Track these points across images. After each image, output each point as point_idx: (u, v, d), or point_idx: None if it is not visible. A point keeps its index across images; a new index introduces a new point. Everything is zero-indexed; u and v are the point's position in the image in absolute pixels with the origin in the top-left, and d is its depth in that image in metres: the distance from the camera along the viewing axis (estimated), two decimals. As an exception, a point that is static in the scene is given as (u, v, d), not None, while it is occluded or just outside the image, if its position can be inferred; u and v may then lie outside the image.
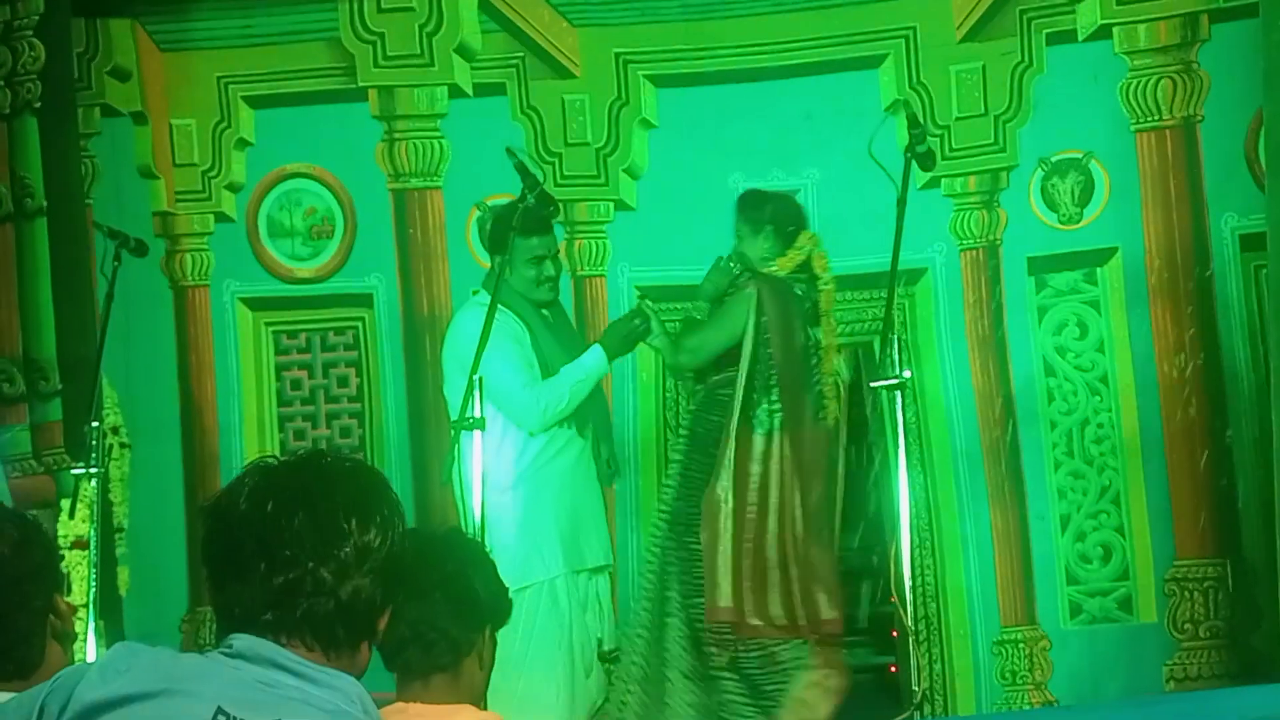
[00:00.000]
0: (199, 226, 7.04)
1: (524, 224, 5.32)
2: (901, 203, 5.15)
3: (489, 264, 6.57)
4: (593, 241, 6.84)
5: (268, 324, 7.00)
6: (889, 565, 5.28)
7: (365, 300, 6.96)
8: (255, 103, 7.08)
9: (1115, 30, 6.53)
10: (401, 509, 2.22)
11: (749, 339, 5.55)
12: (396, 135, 6.97)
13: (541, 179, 5.50)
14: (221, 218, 7.03)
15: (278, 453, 2.47)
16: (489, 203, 6.68)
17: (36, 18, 6.74)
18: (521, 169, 5.35)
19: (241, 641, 2.12)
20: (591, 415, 5.56)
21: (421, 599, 2.94)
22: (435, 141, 6.96)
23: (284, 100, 7.06)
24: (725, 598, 5.39)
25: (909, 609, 4.66)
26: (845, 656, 5.64)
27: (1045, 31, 6.61)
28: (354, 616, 2.15)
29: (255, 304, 7.00)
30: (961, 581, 6.49)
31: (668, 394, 6.80)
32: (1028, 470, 6.51)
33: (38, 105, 6.70)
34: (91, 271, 6.57)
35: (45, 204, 6.68)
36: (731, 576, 5.41)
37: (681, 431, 5.82)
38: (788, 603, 5.44)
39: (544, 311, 5.56)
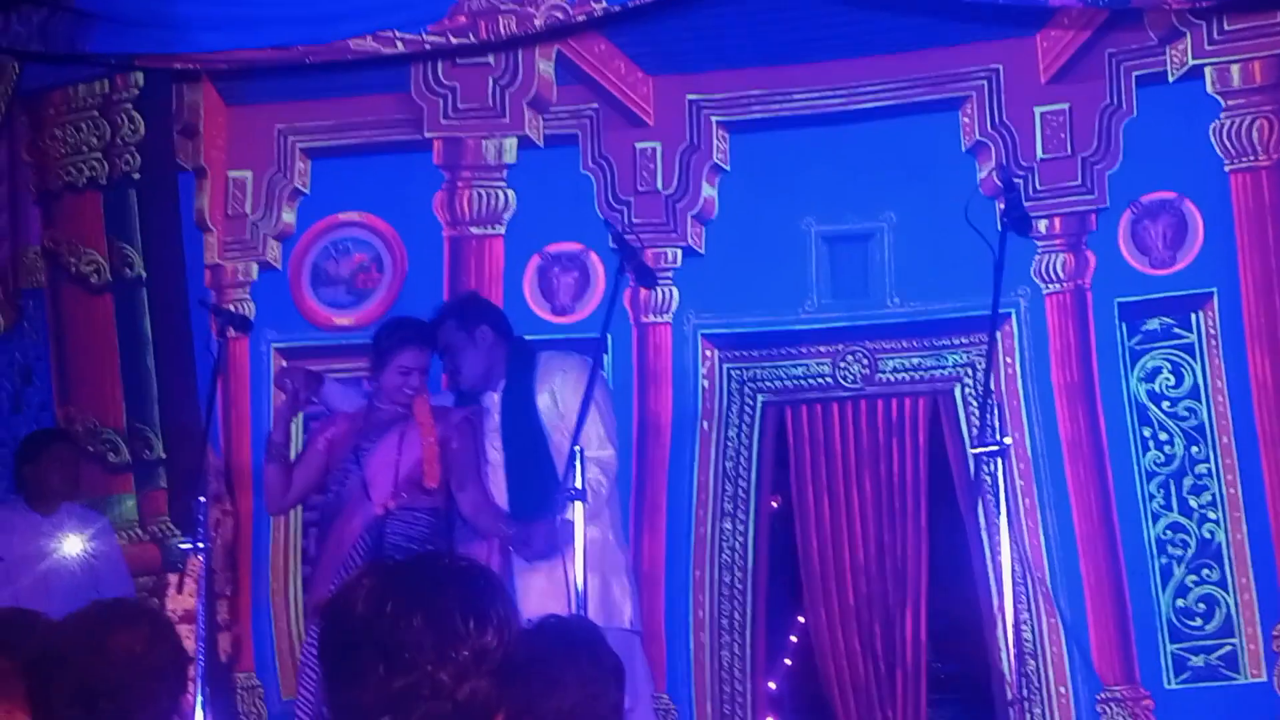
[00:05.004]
0: (243, 275, 7.03)
1: None
2: (998, 269, 5.13)
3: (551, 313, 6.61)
4: (659, 288, 6.70)
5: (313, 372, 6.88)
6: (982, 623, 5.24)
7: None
8: (313, 154, 7.06)
9: (1207, 70, 6.37)
10: (515, 608, 2.22)
11: None
12: (460, 184, 6.89)
13: (640, 249, 5.51)
14: (265, 266, 7.02)
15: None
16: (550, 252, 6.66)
17: (136, 90, 6.95)
18: (620, 241, 5.44)
19: None
20: None
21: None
22: (500, 191, 6.87)
23: (342, 151, 7.03)
24: None
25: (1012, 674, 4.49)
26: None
27: (1135, 74, 6.44)
28: (470, 718, 2.16)
29: (290, 354, 6.91)
30: (1060, 640, 6.26)
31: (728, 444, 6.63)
32: (1122, 523, 6.28)
33: (136, 176, 6.82)
34: (191, 340, 6.76)
35: (145, 274, 6.82)
36: None
37: None
38: None
39: None
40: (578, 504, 4.96)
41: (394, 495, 5.72)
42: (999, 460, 4.74)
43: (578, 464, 4.94)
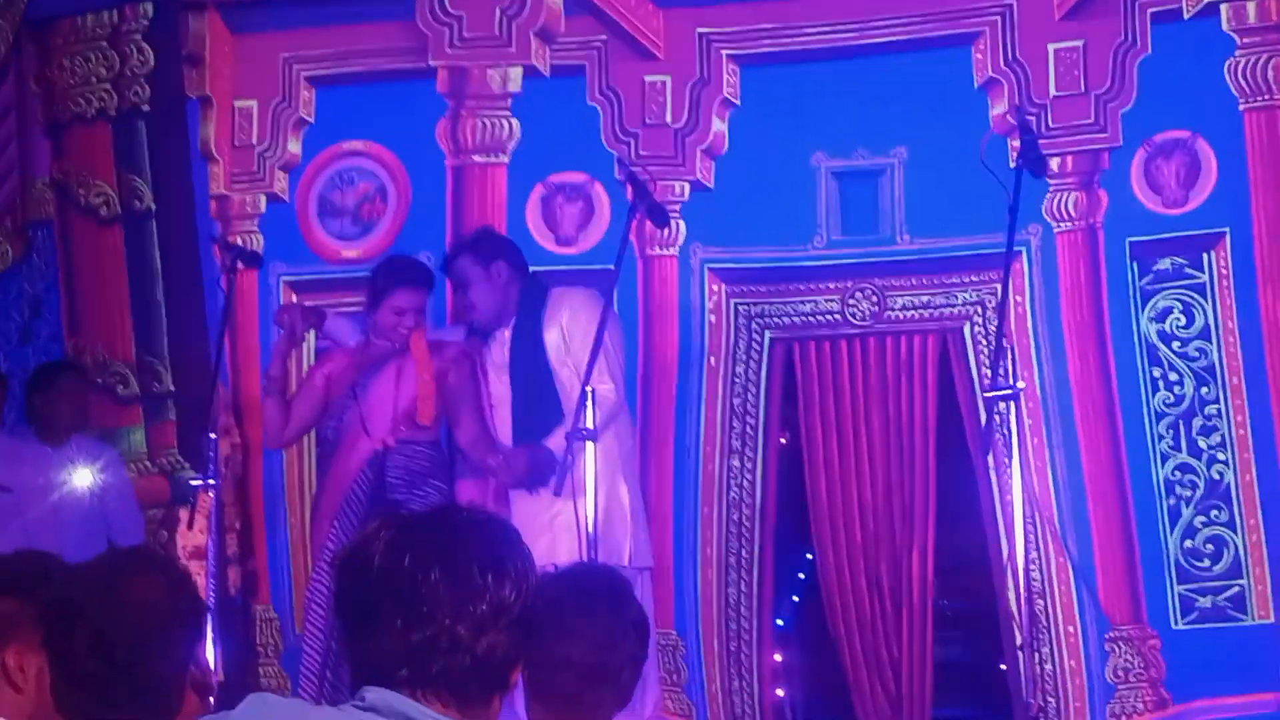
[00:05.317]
0: (250, 208, 7.00)
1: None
2: (1013, 211, 5.11)
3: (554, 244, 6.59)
4: (665, 221, 6.66)
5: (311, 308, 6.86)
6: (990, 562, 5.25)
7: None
8: (317, 82, 7.02)
9: (1223, 7, 6.30)
10: (533, 561, 2.22)
11: None
12: (464, 113, 6.84)
13: (650, 184, 5.47)
14: (274, 198, 6.99)
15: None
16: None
17: (146, 22, 6.88)
18: (633, 179, 5.40)
19: (375, 694, 2.14)
20: None
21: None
22: (505, 120, 6.83)
23: (346, 80, 6.99)
24: None
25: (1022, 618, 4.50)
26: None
27: (1150, 10, 6.38)
28: (489, 672, 2.17)
29: (300, 287, 6.91)
30: (1069, 580, 6.27)
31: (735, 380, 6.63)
32: (1130, 463, 6.27)
33: (146, 108, 6.79)
34: (200, 273, 6.74)
35: (154, 206, 6.78)
36: None
37: None
38: None
39: None
40: (589, 444, 4.95)
41: (392, 431, 5.75)
42: (1010, 402, 4.74)
43: (589, 404, 4.93)
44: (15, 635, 2.80)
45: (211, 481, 5.60)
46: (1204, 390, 6.26)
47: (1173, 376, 6.30)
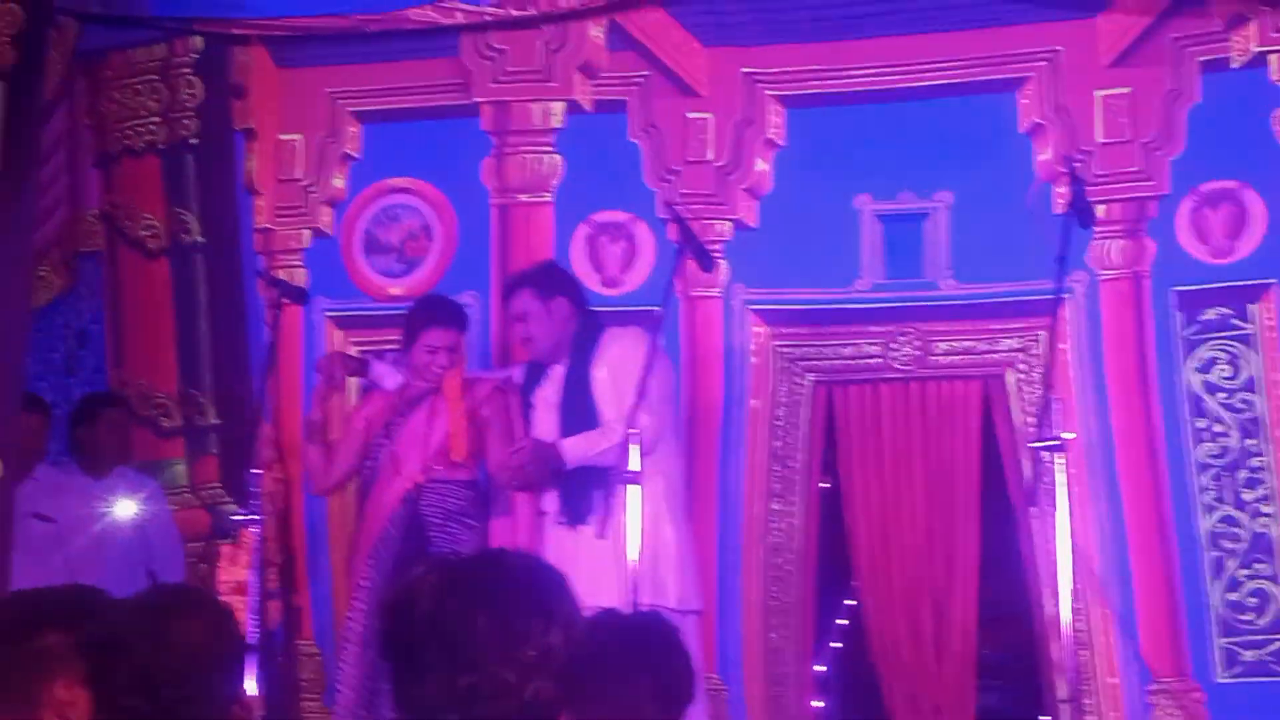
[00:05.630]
0: (295, 242, 7.02)
1: None
2: (1060, 261, 5.11)
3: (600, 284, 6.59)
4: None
5: (355, 344, 6.89)
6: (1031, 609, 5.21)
7: (457, 317, 6.84)
8: (364, 117, 7.04)
9: (1271, 58, 6.29)
10: (580, 607, 2.21)
11: None
12: (507, 150, 6.85)
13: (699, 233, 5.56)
14: (318, 233, 7.00)
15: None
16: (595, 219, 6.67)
17: (195, 55, 6.93)
18: (682, 226, 5.55)
19: None
20: None
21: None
22: (547, 156, 6.84)
23: (392, 115, 7.01)
24: None
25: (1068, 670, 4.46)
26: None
27: (1199, 59, 6.36)
28: (535, 717, 2.16)
29: (344, 322, 6.94)
30: (1111, 631, 6.23)
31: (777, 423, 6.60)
32: (1174, 515, 6.24)
33: (194, 141, 6.82)
34: (245, 307, 6.77)
35: (201, 239, 6.83)
36: None
37: None
38: None
39: None
40: (632, 487, 4.94)
41: (424, 469, 5.77)
42: (1055, 452, 4.72)
43: (633, 447, 4.92)
44: (65, 669, 2.82)
45: (254, 516, 5.59)
46: (1249, 442, 6.22)
47: (1218, 428, 6.27)
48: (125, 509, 6.48)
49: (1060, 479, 4.78)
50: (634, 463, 4.98)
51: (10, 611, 3.06)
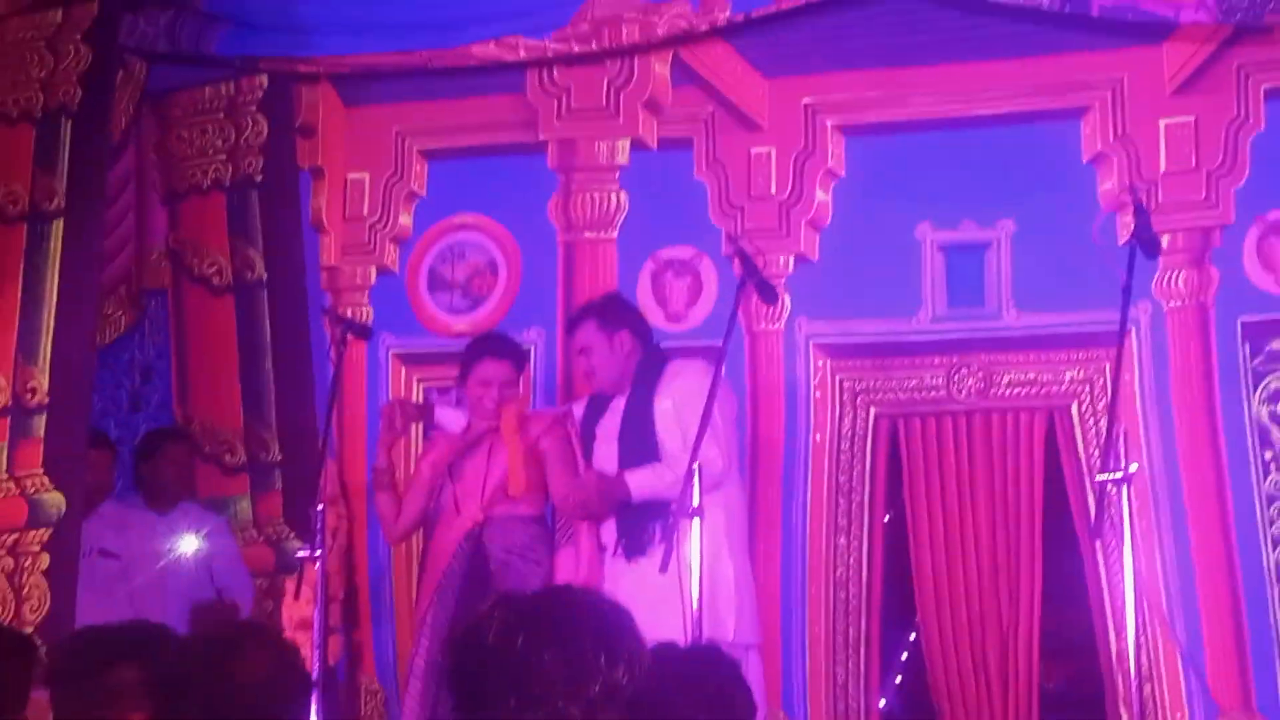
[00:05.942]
0: (360, 279, 7.07)
1: None
2: (1126, 292, 5.08)
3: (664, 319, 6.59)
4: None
5: (420, 380, 6.94)
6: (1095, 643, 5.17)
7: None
8: (430, 155, 7.09)
9: (1338, 85, 6.26)
10: (645, 643, 2.23)
11: None
12: (574, 187, 6.88)
13: (757, 265, 5.57)
14: (384, 270, 7.05)
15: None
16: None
17: (261, 93, 7.00)
18: (744, 259, 5.51)
19: None
20: None
21: None
22: (613, 193, 6.87)
23: (458, 153, 7.06)
24: None
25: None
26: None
27: (1264, 87, 6.32)
28: None
29: (409, 360, 6.98)
30: (1176, 665, 6.17)
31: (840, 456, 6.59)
32: (1240, 547, 6.17)
33: (259, 179, 6.90)
34: (309, 344, 6.81)
35: (266, 276, 6.89)
36: None
37: None
38: None
39: None
40: (695, 520, 4.94)
41: (484, 507, 5.79)
42: (1121, 485, 4.69)
43: (696, 481, 4.92)
44: (136, 704, 2.85)
45: (318, 553, 5.61)
46: (1318, 476, 6.16)
47: (1285, 460, 6.21)
48: (189, 544, 6.52)
49: (1125, 511, 4.74)
50: (696, 496, 4.97)
51: (82, 647, 3.10)
